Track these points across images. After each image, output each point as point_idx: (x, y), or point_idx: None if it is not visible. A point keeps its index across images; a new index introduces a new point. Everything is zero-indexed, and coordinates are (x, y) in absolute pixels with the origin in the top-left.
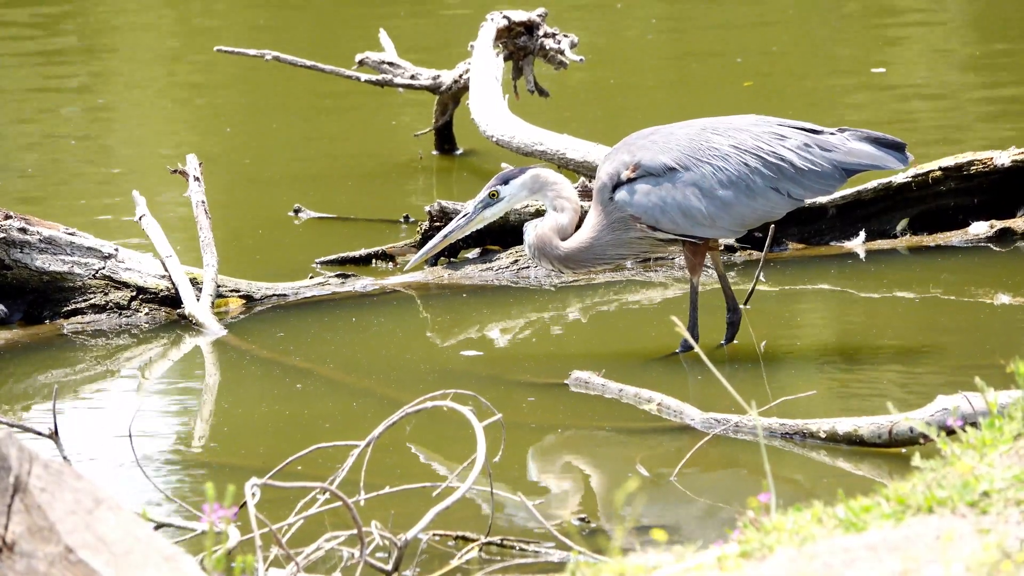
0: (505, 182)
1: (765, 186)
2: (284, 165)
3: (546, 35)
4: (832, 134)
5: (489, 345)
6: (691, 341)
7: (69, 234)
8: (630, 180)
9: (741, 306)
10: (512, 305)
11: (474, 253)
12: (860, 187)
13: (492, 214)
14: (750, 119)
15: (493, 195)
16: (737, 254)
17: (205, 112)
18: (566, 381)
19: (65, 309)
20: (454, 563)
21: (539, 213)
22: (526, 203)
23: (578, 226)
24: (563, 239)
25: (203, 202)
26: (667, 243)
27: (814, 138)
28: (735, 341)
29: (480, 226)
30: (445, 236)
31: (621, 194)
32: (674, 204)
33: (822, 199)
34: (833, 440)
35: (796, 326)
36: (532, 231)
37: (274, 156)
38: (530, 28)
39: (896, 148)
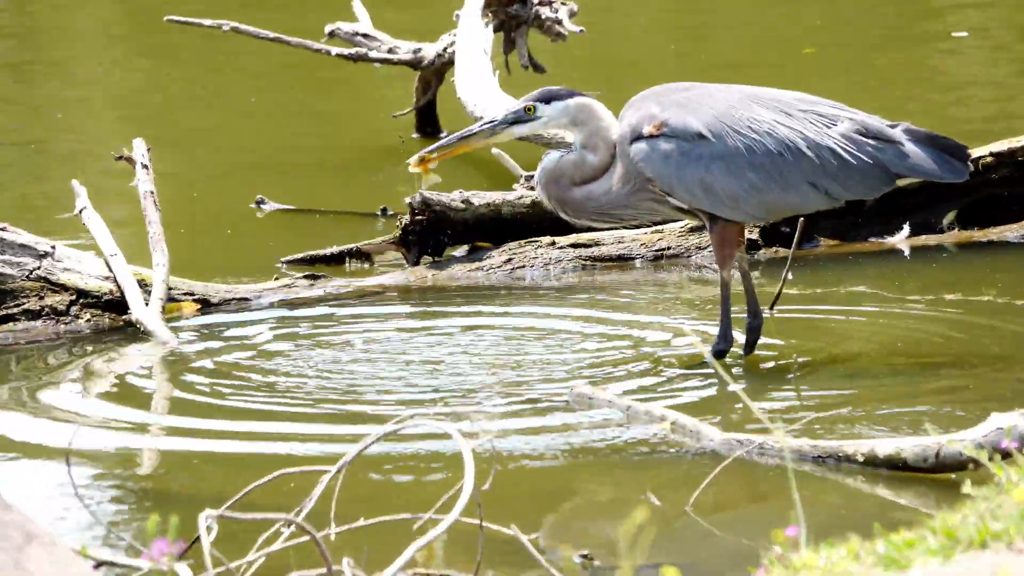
0: (547, 100)
1: (801, 178)
2: (245, 151)
3: (542, 3)
4: (889, 127)
5: (479, 356)
6: (709, 359)
7: None
8: (652, 136)
9: (765, 311)
10: (505, 309)
11: (462, 251)
12: None
13: (520, 132)
14: (797, 96)
15: (529, 110)
16: (762, 251)
17: (154, 93)
18: (566, 397)
19: None
20: None
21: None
22: (561, 132)
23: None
24: (581, 182)
25: (152, 193)
26: (684, 212)
27: (867, 128)
28: (756, 351)
29: (504, 139)
30: (462, 138)
31: (639, 149)
32: (695, 175)
33: None
34: (872, 464)
35: (829, 334)
36: (554, 159)
37: (233, 141)
38: None
39: (958, 156)
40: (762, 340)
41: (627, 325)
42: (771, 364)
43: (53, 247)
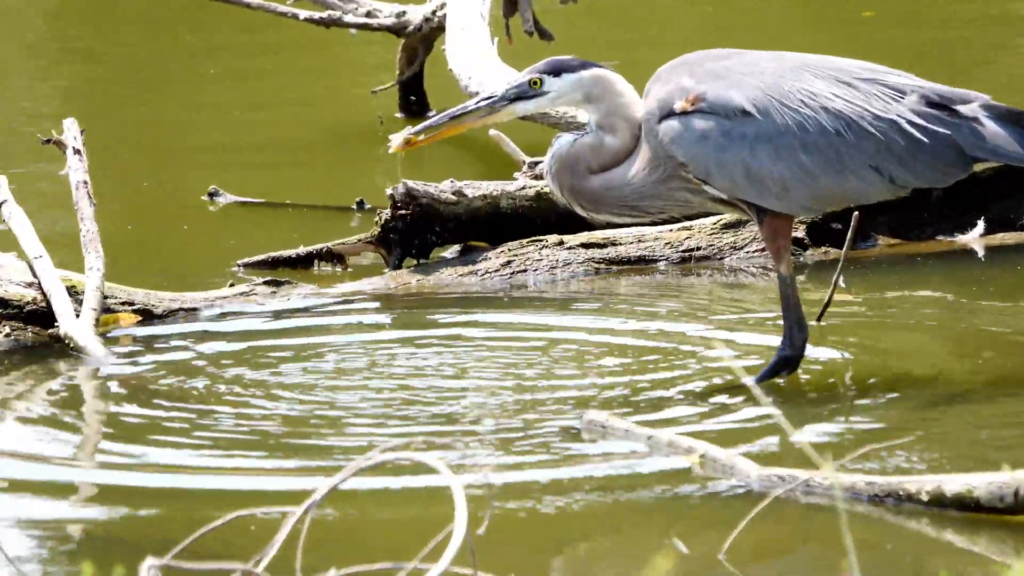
0: (556, 73)
1: (862, 161)
2: (195, 133)
3: None
4: (965, 102)
5: (472, 375)
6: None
7: None
8: (685, 113)
9: (812, 322)
10: (504, 320)
11: (452, 251)
12: None
13: (524, 110)
14: (857, 64)
15: (535, 84)
16: (809, 251)
17: (90, 66)
18: (577, 425)
19: None
20: None
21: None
22: (573, 110)
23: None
24: (599, 168)
25: (86, 183)
26: (723, 204)
27: (940, 102)
28: (800, 369)
29: (504, 119)
30: (454, 117)
31: (669, 128)
32: (737, 159)
33: None
34: (938, 504)
35: (887, 349)
36: (567, 143)
37: (181, 122)
38: None
39: None
40: (808, 356)
41: (648, 338)
42: (818, 385)
43: None
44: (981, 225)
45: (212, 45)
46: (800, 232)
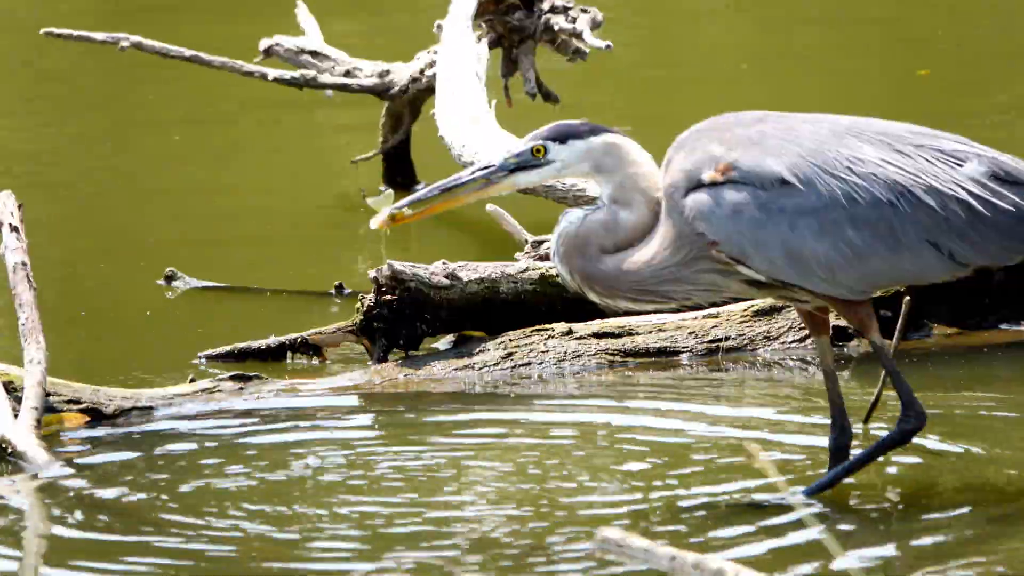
0: (562, 139)
1: (918, 236)
2: (151, 208)
3: (554, 9)
4: None
5: (470, 485)
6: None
7: None
8: (715, 184)
9: (857, 425)
10: (507, 421)
11: (445, 342)
12: None
13: (526, 181)
14: (909, 128)
15: (538, 152)
16: (853, 342)
17: (29, 131)
18: (590, 545)
19: None
20: None
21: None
22: (581, 182)
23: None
24: (614, 248)
25: (24, 265)
26: (756, 287)
27: (1003, 170)
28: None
29: (504, 191)
30: (447, 189)
31: (697, 201)
32: (776, 237)
33: None
34: None
35: (945, 457)
36: (576, 220)
37: (135, 195)
38: None
39: None
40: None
41: (671, 441)
42: (865, 498)
43: None
44: None
45: (171, 109)
46: (841, 319)
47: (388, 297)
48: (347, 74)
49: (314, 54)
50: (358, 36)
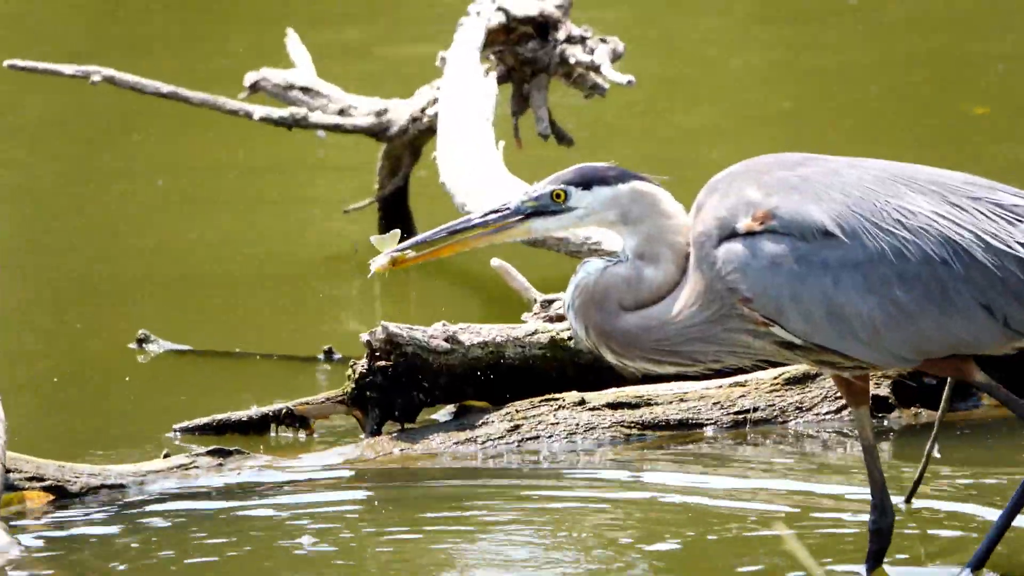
0: (586, 184)
1: (971, 298)
2: (122, 263)
3: (570, 39)
4: None
5: (473, 571)
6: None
7: None
8: (751, 233)
9: (900, 504)
10: (514, 499)
11: (445, 413)
12: None
13: (544, 228)
14: (964, 178)
15: (558, 197)
16: (895, 413)
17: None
18: None
19: None
20: None
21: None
22: (603, 231)
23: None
24: (635, 307)
25: None
26: (790, 349)
27: None
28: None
29: (518, 238)
30: (454, 232)
31: (730, 252)
32: (818, 292)
33: None
34: None
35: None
36: (595, 271)
37: (105, 248)
38: (543, 28)
39: None
40: (894, 545)
41: (695, 520)
42: None
43: None
44: None
45: (138, 154)
46: (884, 390)
47: (382, 363)
48: (341, 112)
49: (304, 90)
50: (354, 72)
